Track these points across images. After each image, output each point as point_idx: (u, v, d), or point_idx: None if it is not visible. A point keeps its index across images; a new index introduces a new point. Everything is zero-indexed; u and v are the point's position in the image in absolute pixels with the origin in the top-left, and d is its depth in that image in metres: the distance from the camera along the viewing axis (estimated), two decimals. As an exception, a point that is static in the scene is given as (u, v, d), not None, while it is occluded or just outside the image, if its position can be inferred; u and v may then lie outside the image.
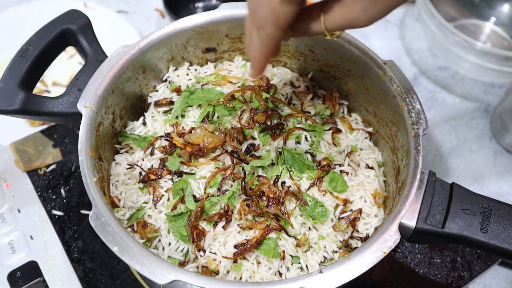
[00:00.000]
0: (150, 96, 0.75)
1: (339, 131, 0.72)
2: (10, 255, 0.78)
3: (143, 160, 0.68)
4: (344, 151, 0.70)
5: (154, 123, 0.72)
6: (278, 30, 0.46)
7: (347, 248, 0.63)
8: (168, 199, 0.64)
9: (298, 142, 0.69)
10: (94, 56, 0.69)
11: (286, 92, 0.74)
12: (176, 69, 0.77)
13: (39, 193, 0.85)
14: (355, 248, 0.62)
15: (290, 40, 0.74)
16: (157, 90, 0.76)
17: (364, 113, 0.75)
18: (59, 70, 1.08)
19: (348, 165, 0.68)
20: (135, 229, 0.63)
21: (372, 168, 0.70)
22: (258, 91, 0.68)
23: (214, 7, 0.75)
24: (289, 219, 0.62)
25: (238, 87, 0.72)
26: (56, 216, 0.83)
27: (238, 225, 0.62)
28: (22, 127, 0.98)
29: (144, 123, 0.72)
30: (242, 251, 0.59)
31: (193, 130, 0.66)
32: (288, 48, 0.76)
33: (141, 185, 0.66)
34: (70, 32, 0.69)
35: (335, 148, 0.70)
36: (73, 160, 0.89)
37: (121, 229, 0.53)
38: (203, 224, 0.62)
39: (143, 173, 0.66)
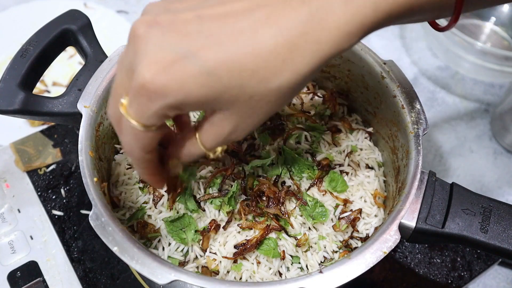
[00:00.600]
0: (150, 96, 0.75)
1: (339, 131, 0.72)
2: (10, 255, 0.78)
3: (143, 160, 0.68)
4: (344, 151, 0.70)
5: (154, 123, 0.71)
6: (147, 154, 0.47)
7: (347, 248, 0.63)
8: (168, 199, 0.64)
9: (298, 142, 0.69)
10: (94, 56, 0.69)
11: (286, 92, 0.74)
12: (176, 69, 0.77)
13: (39, 193, 0.85)
14: (355, 248, 0.63)
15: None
16: (157, 90, 0.76)
17: (364, 113, 0.75)
18: (59, 70, 1.08)
19: (348, 165, 0.68)
20: (135, 229, 0.63)
21: (372, 168, 0.70)
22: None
23: (214, 7, 0.75)
24: (289, 219, 0.62)
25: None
26: (56, 216, 0.83)
27: (238, 225, 0.62)
28: (22, 127, 0.98)
29: (144, 123, 0.72)
30: (242, 251, 0.59)
31: (193, 130, 0.66)
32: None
33: (141, 185, 0.66)
34: (70, 32, 0.69)
35: (335, 148, 0.70)
36: (73, 160, 0.89)
37: (121, 229, 0.53)
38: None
39: (143, 173, 0.66)
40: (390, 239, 0.53)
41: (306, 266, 0.61)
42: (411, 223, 0.55)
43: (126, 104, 0.43)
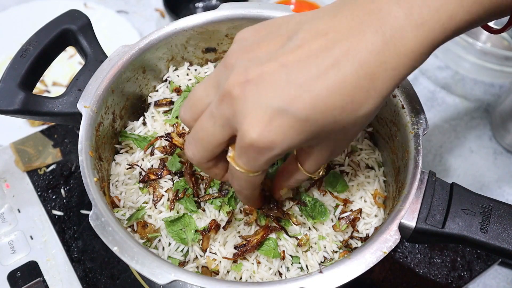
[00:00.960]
0: (150, 96, 0.75)
1: (339, 131, 0.72)
2: (10, 255, 0.78)
3: (143, 160, 0.68)
4: (344, 151, 0.70)
5: (154, 123, 0.72)
6: (256, 190, 0.54)
7: (347, 248, 0.63)
8: (168, 199, 0.64)
9: (298, 142, 0.69)
10: (94, 56, 0.68)
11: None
12: (176, 69, 0.77)
13: (39, 193, 0.85)
14: (355, 248, 0.62)
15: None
16: (157, 90, 0.76)
17: (364, 113, 0.75)
18: (59, 70, 1.08)
19: (348, 165, 0.68)
20: (135, 229, 0.63)
21: (372, 168, 0.70)
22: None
23: (214, 7, 0.75)
24: (290, 218, 0.62)
25: (238, 87, 0.72)
26: (56, 216, 0.83)
27: (244, 222, 0.61)
28: (22, 127, 0.98)
29: (144, 123, 0.72)
30: (242, 252, 0.59)
31: (193, 130, 0.66)
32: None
33: (141, 185, 0.66)
34: (70, 32, 0.69)
35: (335, 148, 0.70)
36: (73, 160, 0.89)
37: (121, 229, 0.53)
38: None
39: (143, 173, 0.66)
40: (390, 239, 0.53)
41: (306, 266, 0.61)
42: (411, 223, 0.55)
43: (234, 157, 0.47)
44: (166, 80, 0.76)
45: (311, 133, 0.44)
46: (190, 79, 0.76)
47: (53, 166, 0.88)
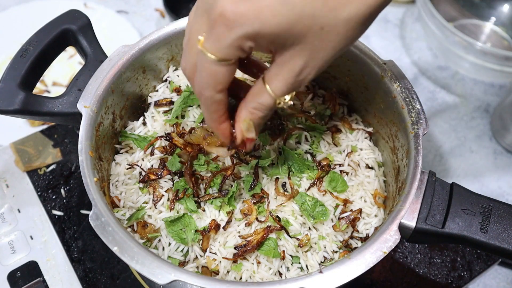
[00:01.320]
0: (150, 96, 0.75)
1: (339, 131, 0.72)
2: (10, 255, 0.78)
3: (143, 160, 0.68)
4: (344, 151, 0.70)
5: (154, 123, 0.72)
6: (218, 94, 0.48)
7: (347, 248, 0.63)
8: (168, 199, 0.64)
9: (298, 142, 0.69)
10: (94, 56, 0.69)
11: (286, 92, 0.74)
12: (176, 69, 0.77)
13: (39, 193, 0.85)
14: (355, 248, 0.63)
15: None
16: (157, 90, 0.76)
17: (364, 113, 0.75)
18: (59, 70, 1.08)
19: (348, 165, 0.68)
20: (135, 229, 0.63)
21: (372, 168, 0.70)
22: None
23: (214, 7, 0.75)
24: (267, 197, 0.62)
25: (238, 87, 0.72)
26: (56, 216, 0.83)
27: (245, 224, 0.61)
28: (22, 127, 0.98)
29: (144, 123, 0.72)
30: (242, 252, 0.59)
31: (193, 130, 0.66)
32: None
33: (141, 185, 0.66)
34: (70, 32, 0.69)
35: (335, 148, 0.70)
36: (73, 160, 0.89)
37: (121, 229, 0.53)
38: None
39: (143, 173, 0.66)
40: (390, 239, 0.53)
41: (306, 266, 0.61)
42: (411, 223, 0.55)
43: (203, 40, 0.45)
44: (166, 80, 0.76)
45: (287, 19, 0.42)
46: (190, 79, 0.76)
47: (53, 166, 0.88)
